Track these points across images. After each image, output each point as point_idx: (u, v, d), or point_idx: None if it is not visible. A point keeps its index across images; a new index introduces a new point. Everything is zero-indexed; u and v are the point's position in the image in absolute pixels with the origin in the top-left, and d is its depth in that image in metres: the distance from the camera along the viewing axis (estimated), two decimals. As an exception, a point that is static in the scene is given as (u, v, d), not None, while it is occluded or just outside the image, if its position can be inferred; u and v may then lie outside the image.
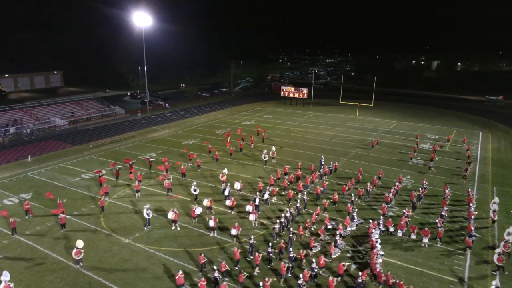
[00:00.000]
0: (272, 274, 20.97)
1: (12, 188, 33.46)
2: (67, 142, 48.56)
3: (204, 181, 35.08)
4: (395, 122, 63.47)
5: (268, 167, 39.10)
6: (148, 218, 26.19)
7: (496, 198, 28.75)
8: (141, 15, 63.42)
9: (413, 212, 28.36)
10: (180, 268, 21.01)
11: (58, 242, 24.36)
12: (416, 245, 24.49)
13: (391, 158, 43.02)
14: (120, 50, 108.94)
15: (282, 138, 51.16)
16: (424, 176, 36.06)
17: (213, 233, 25.32)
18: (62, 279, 20.61)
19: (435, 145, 46.09)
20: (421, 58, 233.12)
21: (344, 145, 48.13)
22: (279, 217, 26.66)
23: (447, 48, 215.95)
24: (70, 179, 35.59)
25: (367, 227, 26.08)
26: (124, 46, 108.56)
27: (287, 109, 75.32)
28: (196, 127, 58.88)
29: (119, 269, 21.63)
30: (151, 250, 23.55)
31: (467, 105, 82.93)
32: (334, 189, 32.88)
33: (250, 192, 32.31)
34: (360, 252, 23.62)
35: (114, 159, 41.28)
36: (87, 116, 61.28)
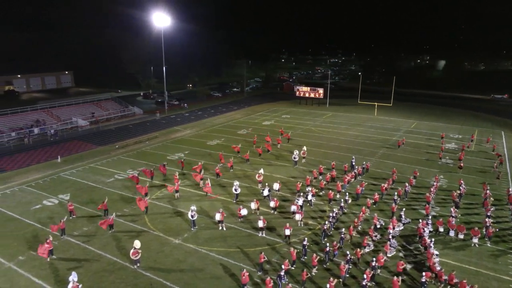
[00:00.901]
0: (328, 275, 20.96)
1: (48, 188, 33.46)
2: (92, 142, 48.55)
3: (239, 181, 35.02)
4: (415, 122, 63.49)
5: (298, 167, 39.12)
6: (193, 220, 26.15)
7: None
8: (159, 16, 63.26)
9: (457, 211, 28.35)
10: (238, 267, 21.08)
11: (108, 243, 24.36)
12: (465, 245, 24.50)
13: (419, 158, 43.02)
14: (130, 50, 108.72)
15: (306, 138, 51.15)
16: (454, 176, 36.15)
17: (262, 233, 25.32)
18: (122, 279, 20.61)
19: (464, 145, 46.16)
20: (425, 58, 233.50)
21: (370, 145, 48.14)
22: (328, 217, 26.61)
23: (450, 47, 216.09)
24: (104, 180, 35.58)
25: (413, 227, 26.14)
26: (134, 46, 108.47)
27: (304, 109, 75.31)
28: (217, 127, 58.88)
29: (176, 269, 21.63)
30: (203, 250, 23.55)
31: (476, 104, 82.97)
32: (370, 189, 32.89)
33: (287, 193, 32.31)
34: (411, 251, 23.62)
35: (142, 160, 41.33)
36: (107, 117, 61.26)
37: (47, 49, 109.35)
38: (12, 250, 23.43)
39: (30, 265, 21.87)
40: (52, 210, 29.17)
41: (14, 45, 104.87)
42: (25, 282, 20.35)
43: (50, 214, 28.47)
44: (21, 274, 21.08)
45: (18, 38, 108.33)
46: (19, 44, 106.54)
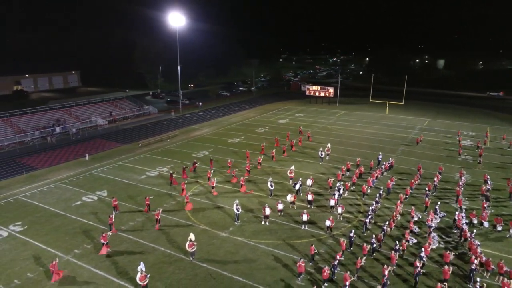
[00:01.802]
0: (377, 264, 21.89)
1: (84, 185, 34.12)
2: (115, 141, 49.17)
3: (272, 177, 35.90)
4: (427, 120, 64.67)
5: (324, 164, 40.04)
6: (237, 213, 27.00)
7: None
8: (173, 15, 63.87)
9: (489, 204, 29.38)
10: (288, 258, 22.03)
11: (158, 236, 25.13)
12: (502, 236, 25.50)
13: (439, 155, 44.11)
14: (139, 49, 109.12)
15: (324, 136, 52.09)
16: (476, 171, 37.35)
17: (305, 226, 26.20)
18: (182, 270, 21.41)
19: (479, 141, 47.35)
20: (424, 57, 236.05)
21: (389, 142, 49.20)
22: (367, 211, 27.50)
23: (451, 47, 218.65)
24: (137, 177, 36.29)
25: (448, 220, 27.17)
26: (143, 46, 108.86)
27: (315, 108, 76.27)
28: (234, 125, 59.70)
29: (230, 260, 22.45)
30: (252, 242, 24.39)
31: (484, 103, 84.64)
32: (398, 184, 33.88)
33: (319, 188, 33.18)
34: (450, 243, 24.58)
35: (169, 158, 42.10)
36: (124, 116, 61.84)
37: (54, 49, 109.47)
38: (66, 244, 24.14)
39: (88, 258, 22.60)
40: (94, 206, 29.86)
41: (22, 44, 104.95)
42: (88, 273, 21.08)
43: (93, 209, 29.18)
44: (81, 266, 21.81)
45: (26, 38, 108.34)
46: (27, 44, 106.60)
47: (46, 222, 27.06)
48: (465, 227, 24.91)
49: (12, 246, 23.87)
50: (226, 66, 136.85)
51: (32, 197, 31.48)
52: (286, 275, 21.08)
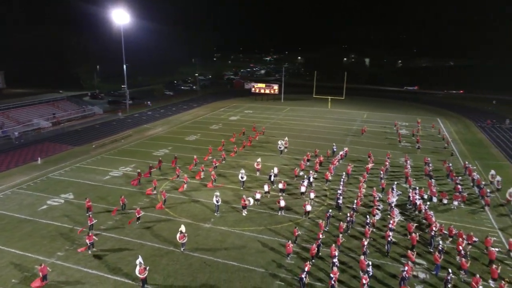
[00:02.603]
0: (352, 239, 24.50)
1: (45, 189, 32.55)
2: (65, 143, 46.87)
3: (238, 170, 37.24)
4: (365, 113, 70.47)
5: (284, 156, 42.36)
6: (217, 205, 28.04)
7: (492, 171, 35.36)
8: (118, 13, 62.01)
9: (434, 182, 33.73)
10: (274, 242, 23.80)
11: (143, 233, 25.27)
12: (447, 208, 29.65)
13: (382, 143, 48.86)
14: (72, 48, 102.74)
15: (278, 131, 54.58)
16: (416, 156, 42.39)
17: (281, 212, 28.05)
18: (175, 261, 21.99)
19: (413, 130, 53.19)
20: (351, 56, 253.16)
21: (337, 134, 53.14)
22: (337, 194, 29.95)
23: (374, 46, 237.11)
24: (101, 178, 35.40)
25: (403, 198, 30.88)
26: (77, 44, 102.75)
27: (262, 105, 78.83)
28: (187, 124, 59.83)
29: (220, 248, 23.52)
30: (237, 231, 25.65)
31: (410, 96, 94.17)
32: (354, 170, 37.24)
33: (285, 178, 35.26)
34: (409, 216, 28.06)
35: (129, 157, 41.48)
36: (68, 117, 58.73)
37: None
38: (46, 248, 23.32)
39: (75, 259, 22.16)
40: (63, 209, 28.85)
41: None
42: (79, 274, 20.79)
43: (63, 212, 28.21)
44: (69, 267, 21.38)
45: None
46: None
47: (15, 229, 25.67)
48: (418, 202, 28.62)
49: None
50: (165, 65, 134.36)
51: (-11, 205, 29.39)
52: (276, 257, 22.72)
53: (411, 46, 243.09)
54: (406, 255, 22.04)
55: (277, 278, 20.61)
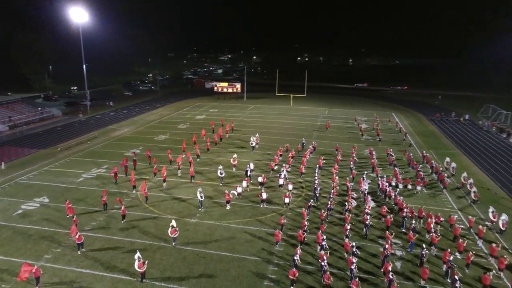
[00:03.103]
0: (333, 225, 26.28)
1: (16, 194, 31.32)
2: (27, 147, 44.84)
3: (214, 167, 37.94)
4: (326, 109, 73.58)
5: (256, 152, 43.64)
6: (201, 200, 28.69)
7: (447, 158, 38.94)
8: (77, 11, 59.90)
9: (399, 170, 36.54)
10: (260, 231, 25.00)
11: (130, 231, 25.36)
12: (411, 193, 32.44)
13: (346, 137, 51.67)
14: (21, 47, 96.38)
15: (246, 128, 55.72)
16: (378, 148, 45.44)
17: (263, 204, 29.28)
18: (169, 256, 22.46)
19: (374, 124, 56.66)
20: (304, 55, 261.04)
21: (303, 130, 55.29)
22: (314, 186, 31.64)
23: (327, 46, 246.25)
24: (74, 180, 34.60)
25: (373, 186, 33.30)
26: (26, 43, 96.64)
27: (226, 103, 79.54)
28: (154, 123, 59.26)
29: (210, 240, 24.27)
30: (223, 224, 26.50)
31: (362, 93, 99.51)
32: (325, 163, 39.29)
33: (261, 172, 36.51)
34: (380, 202, 30.41)
35: (99, 159, 40.76)
36: (26, 120, 55.94)
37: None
38: (31, 251, 22.81)
39: (64, 260, 21.93)
40: (41, 212, 28.07)
41: None
42: (72, 274, 20.67)
43: (41, 216, 27.48)
44: (61, 268, 21.16)
45: None
46: None
47: (-8, 235, 24.71)
48: (388, 189, 31.09)
49: (-36, 264, 21.54)
50: (120, 65, 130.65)
51: (-43, 213, 27.88)
52: (265, 245, 23.90)
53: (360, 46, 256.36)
54: (384, 236, 24.11)
55: (270, 264, 21.80)
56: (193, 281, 20.16)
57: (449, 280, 20.24)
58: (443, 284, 20.31)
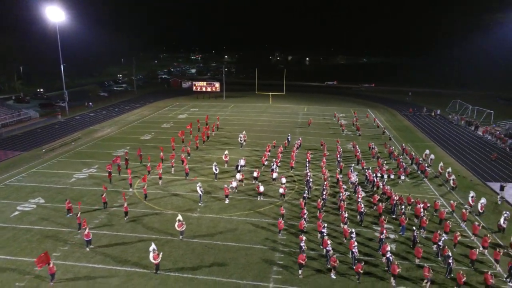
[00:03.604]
0: (329, 214, 27.86)
1: (9, 196, 30.89)
2: (10, 149, 43.82)
3: (205, 164, 38.72)
4: (305, 106, 75.65)
5: (244, 148, 44.74)
6: (201, 195, 29.53)
7: (426, 150, 41.55)
8: (52, 10, 58.60)
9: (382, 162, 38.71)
10: (262, 222, 26.23)
11: (134, 227, 25.84)
12: (395, 183, 34.60)
13: (328, 132, 53.73)
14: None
15: (230, 126, 56.65)
16: (359, 142, 47.66)
17: (260, 197, 30.47)
18: (177, 248, 23.19)
19: (353, 120, 59.10)
20: (276, 55, 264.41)
21: (285, 126, 56.88)
22: (306, 176, 33.11)
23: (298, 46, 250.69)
24: (66, 180, 34.41)
25: (360, 177, 35.23)
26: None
27: (206, 102, 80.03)
28: (136, 123, 59.04)
29: (215, 233, 25.20)
30: (225, 217, 27.47)
31: (337, 90, 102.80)
32: (313, 157, 40.92)
33: (252, 167, 37.67)
34: (369, 192, 32.33)
35: (87, 159, 40.58)
36: (3, 122, 54.30)
37: None
38: (38, 250, 22.77)
39: (74, 257, 22.22)
40: (39, 213, 27.96)
41: None
42: (86, 269, 21.05)
43: (40, 216, 27.42)
44: (73, 264, 21.47)
45: None
46: None
47: (-7, 236, 24.50)
48: (375, 179, 33.07)
49: (-31, 265, 21.36)
50: (91, 65, 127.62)
51: (-50, 216, 27.29)
52: (268, 234, 25.11)
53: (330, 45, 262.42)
54: (378, 222, 25.91)
55: (276, 251, 23.03)
56: (205, 270, 21.06)
57: (440, 258, 22.22)
58: (435, 261, 22.26)
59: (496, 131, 51.08)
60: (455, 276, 19.93)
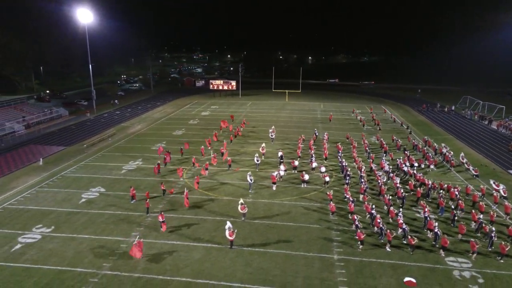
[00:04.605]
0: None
1: (70, 186, 33.30)
2: (55, 144, 46.23)
3: (243, 156, 41.21)
4: (321, 103, 78.22)
5: (276, 142, 47.28)
6: (251, 183, 32.05)
7: (442, 144, 44.22)
8: (83, 12, 60.96)
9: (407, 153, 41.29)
10: (312, 207, 28.80)
11: (196, 211, 28.30)
12: (424, 171, 37.20)
13: (349, 127, 56.29)
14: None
15: (254, 122, 59.12)
16: (382, 136, 50.24)
17: (304, 184, 33.04)
18: (241, 228, 25.55)
19: (372, 115, 61.80)
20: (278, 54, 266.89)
21: (307, 122, 59.46)
22: (340, 163, 35.69)
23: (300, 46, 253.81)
24: (118, 172, 36.84)
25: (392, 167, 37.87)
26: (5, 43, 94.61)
27: (223, 100, 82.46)
28: (163, 120, 61.47)
29: (271, 215, 27.70)
30: (277, 201, 29.99)
31: (348, 88, 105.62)
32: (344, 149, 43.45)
33: (289, 159, 40.11)
34: (402, 178, 34.90)
35: (129, 153, 42.92)
36: (37, 120, 56.66)
37: None
38: (117, 231, 25.26)
39: (153, 236, 24.64)
40: (103, 200, 30.34)
41: None
42: (167, 246, 23.47)
43: (108, 203, 29.78)
44: (153, 242, 23.85)
45: None
46: None
47: (70, 220, 26.88)
48: (406, 168, 35.72)
49: (58, 245, 23.63)
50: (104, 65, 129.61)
51: (24, 203, 29.69)
52: (320, 216, 27.67)
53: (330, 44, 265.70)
54: (416, 205, 28.59)
55: (332, 230, 25.59)
56: (274, 245, 23.60)
57: (480, 234, 24.85)
58: (475, 237, 24.84)
59: (510, 124, 53.80)
60: (496, 249, 22.56)
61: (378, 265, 21.72)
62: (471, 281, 20.38)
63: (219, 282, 20.06)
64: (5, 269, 21.19)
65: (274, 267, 21.38)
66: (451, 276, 20.81)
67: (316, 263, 21.80)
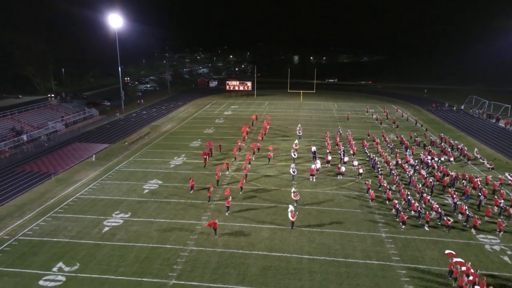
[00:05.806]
0: (403, 188, 34.32)
1: (129, 179, 36.83)
2: (98, 142, 49.79)
3: (276, 152, 44.94)
4: (334, 103, 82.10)
5: (303, 139, 51.06)
6: (294, 175, 35.83)
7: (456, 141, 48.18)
8: (113, 16, 64.42)
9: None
10: (351, 195, 32.60)
11: (252, 199, 31.97)
12: (445, 164, 41.11)
13: (367, 125, 60.19)
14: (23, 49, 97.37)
15: (276, 121, 62.87)
16: (399, 132, 54.16)
17: (340, 176, 36.86)
18: (295, 213, 29.39)
19: (387, 113, 65.71)
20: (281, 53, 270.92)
21: (326, 121, 63.30)
22: (368, 157, 39.54)
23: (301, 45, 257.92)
24: (167, 166, 40.44)
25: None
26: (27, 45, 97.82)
27: (240, 100, 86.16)
28: (190, 119, 65.10)
29: (318, 202, 31.43)
30: (319, 191, 33.77)
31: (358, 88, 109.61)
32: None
33: (319, 154, 43.88)
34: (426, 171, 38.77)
35: (171, 150, 46.45)
36: (74, 119, 60.15)
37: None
38: (188, 216, 28.91)
39: (221, 219, 28.20)
40: (165, 190, 33.89)
41: None
42: (236, 227, 27.10)
43: (168, 193, 33.29)
44: (224, 224, 27.50)
45: None
46: None
47: (141, 208, 30.38)
48: (430, 162, 39.64)
49: (141, 227, 27.15)
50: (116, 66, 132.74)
51: (94, 194, 33.22)
52: (361, 202, 31.48)
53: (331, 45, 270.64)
54: (444, 193, 32.52)
55: (374, 214, 29.41)
56: (328, 226, 27.39)
57: (502, 217, 28.76)
58: (499, 218, 28.74)
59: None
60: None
61: (421, 241, 25.56)
62: (501, 253, 24.27)
63: (291, 254, 23.81)
64: (105, 246, 24.81)
65: (334, 243, 25.17)
66: (483, 249, 24.69)
67: (368, 240, 25.62)
